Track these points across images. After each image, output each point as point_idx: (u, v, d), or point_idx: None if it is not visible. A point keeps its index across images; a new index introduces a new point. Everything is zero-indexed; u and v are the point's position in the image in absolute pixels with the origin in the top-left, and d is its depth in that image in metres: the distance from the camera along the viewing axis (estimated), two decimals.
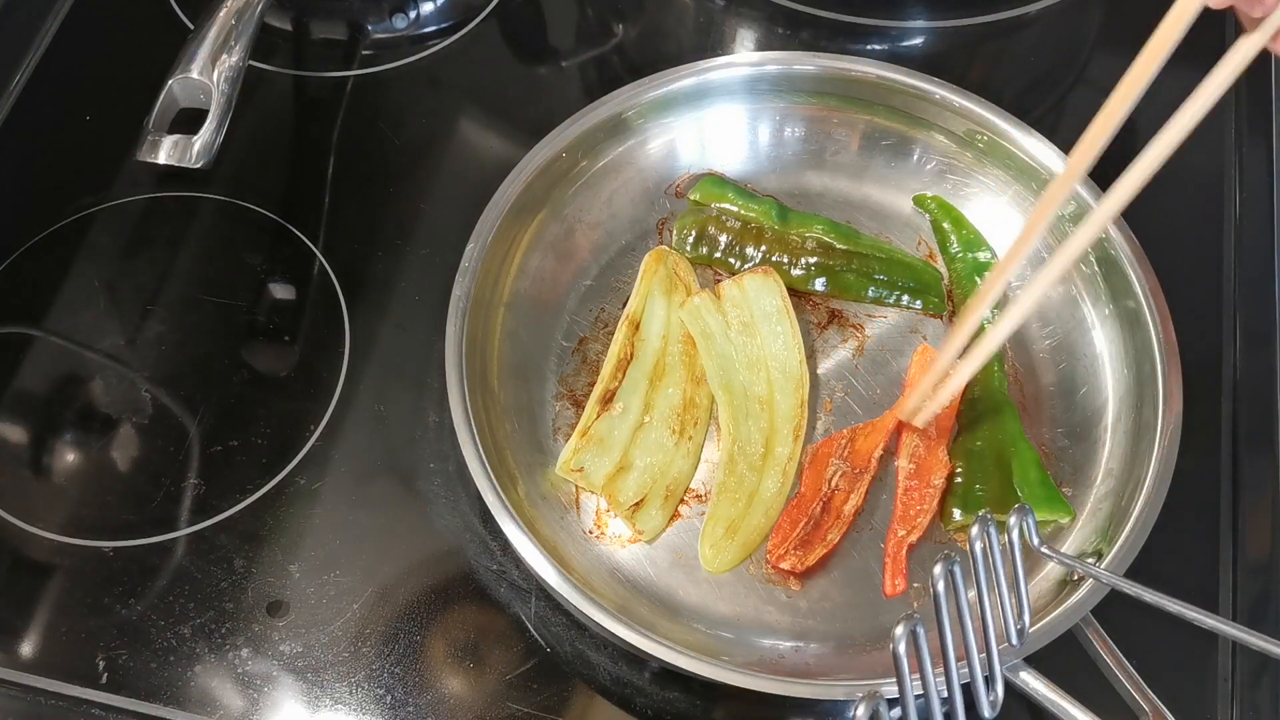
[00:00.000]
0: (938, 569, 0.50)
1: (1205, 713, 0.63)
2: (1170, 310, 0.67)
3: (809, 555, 0.65)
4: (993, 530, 0.53)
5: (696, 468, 0.69)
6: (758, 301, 0.72)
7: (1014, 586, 0.54)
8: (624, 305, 0.73)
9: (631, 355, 0.71)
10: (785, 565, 0.65)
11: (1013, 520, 0.54)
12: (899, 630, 0.50)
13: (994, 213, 0.76)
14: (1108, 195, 0.55)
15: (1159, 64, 0.51)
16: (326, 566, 0.66)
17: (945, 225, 0.76)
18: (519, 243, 0.72)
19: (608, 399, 0.69)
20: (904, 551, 0.65)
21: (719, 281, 0.74)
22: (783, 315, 0.72)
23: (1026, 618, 0.54)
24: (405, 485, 0.69)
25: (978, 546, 0.52)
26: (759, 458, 0.68)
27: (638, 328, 0.72)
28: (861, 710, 0.48)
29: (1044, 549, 0.56)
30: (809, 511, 0.66)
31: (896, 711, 0.50)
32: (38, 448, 0.70)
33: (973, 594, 0.51)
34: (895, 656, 0.50)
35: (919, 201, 0.77)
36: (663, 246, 0.75)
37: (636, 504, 0.66)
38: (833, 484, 0.67)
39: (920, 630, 0.49)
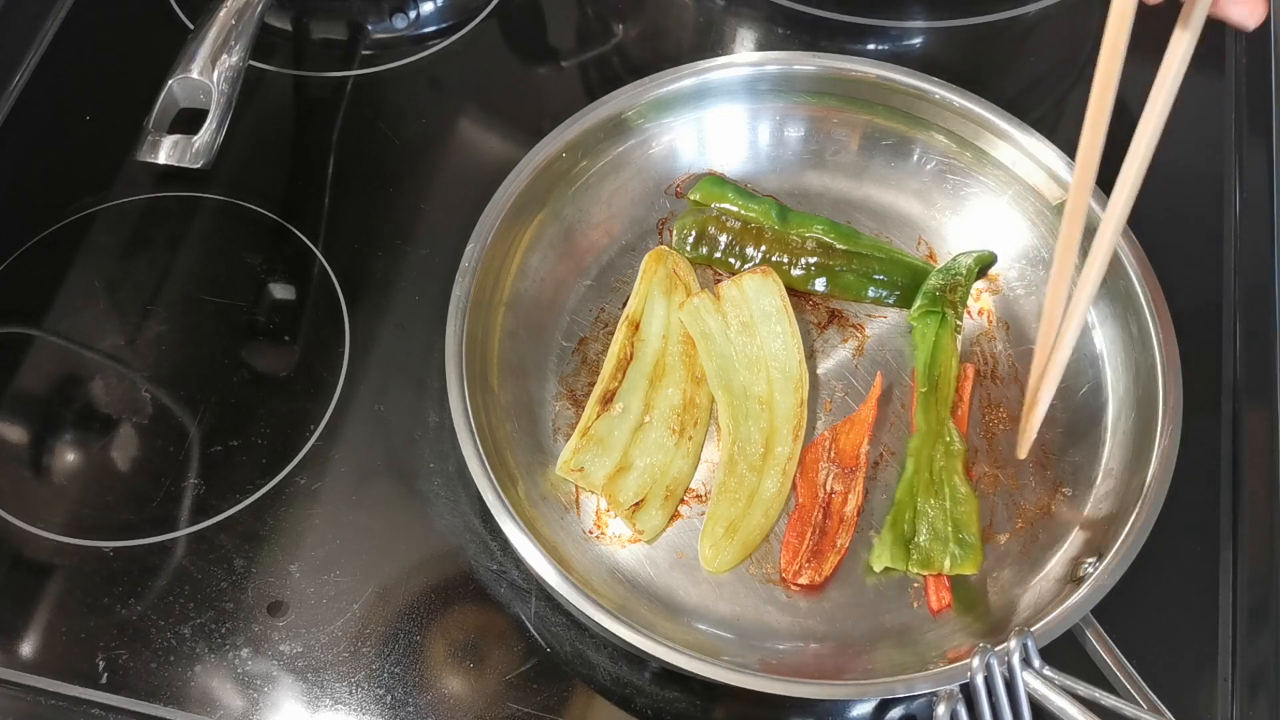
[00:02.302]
0: (940, 709, 0.52)
1: (1205, 713, 0.63)
2: (1170, 310, 0.67)
3: (824, 565, 0.65)
4: (993, 661, 0.53)
5: (696, 468, 0.69)
6: (757, 302, 0.72)
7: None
8: (624, 305, 0.73)
9: (631, 355, 0.71)
10: (804, 580, 0.65)
11: (1012, 644, 0.54)
12: (940, 710, 0.51)
13: (994, 213, 0.76)
14: (1111, 203, 0.54)
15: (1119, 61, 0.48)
16: (326, 566, 0.66)
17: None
18: (519, 243, 0.72)
19: (608, 399, 0.69)
20: None
21: (719, 281, 0.74)
22: (782, 315, 0.72)
23: None
24: (405, 485, 0.69)
25: (979, 679, 0.53)
26: (759, 458, 0.68)
27: (638, 328, 0.72)
28: (941, 710, 0.49)
29: (1047, 671, 0.55)
30: (812, 520, 0.66)
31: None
32: (38, 448, 0.70)
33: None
34: None
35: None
36: (663, 246, 0.75)
37: (636, 504, 0.66)
38: (828, 488, 0.67)
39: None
